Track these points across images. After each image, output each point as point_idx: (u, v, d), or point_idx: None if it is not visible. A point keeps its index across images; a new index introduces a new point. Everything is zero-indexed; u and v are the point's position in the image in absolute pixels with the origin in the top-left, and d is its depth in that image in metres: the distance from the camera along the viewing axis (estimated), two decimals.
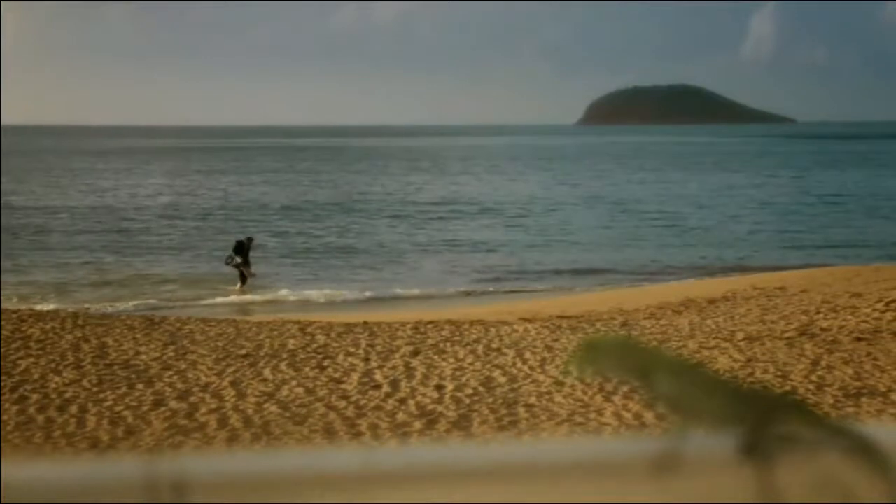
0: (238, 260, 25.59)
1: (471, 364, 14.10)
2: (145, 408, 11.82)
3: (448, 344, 15.46)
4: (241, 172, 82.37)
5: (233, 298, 24.57)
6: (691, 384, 1.09)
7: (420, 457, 1.03)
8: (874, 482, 1.08)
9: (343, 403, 11.99)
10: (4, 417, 11.28)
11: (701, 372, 1.10)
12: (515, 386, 12.73)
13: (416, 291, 25.55)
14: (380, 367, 13.92)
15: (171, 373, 13.52)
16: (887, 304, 18.13)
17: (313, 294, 24.99)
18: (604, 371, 1.08)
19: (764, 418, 1.08)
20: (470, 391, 12.52)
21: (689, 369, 1.10)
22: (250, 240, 26.58)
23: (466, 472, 1.02)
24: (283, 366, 13.94)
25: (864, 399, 11.85)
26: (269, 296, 24.74)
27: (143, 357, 14.51)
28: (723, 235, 38.82)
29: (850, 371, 13.33)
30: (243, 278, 25.65)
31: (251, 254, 26.10)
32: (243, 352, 14.84)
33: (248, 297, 24.64)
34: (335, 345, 15.38)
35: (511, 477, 1.02)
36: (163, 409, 11.79)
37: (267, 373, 13.51)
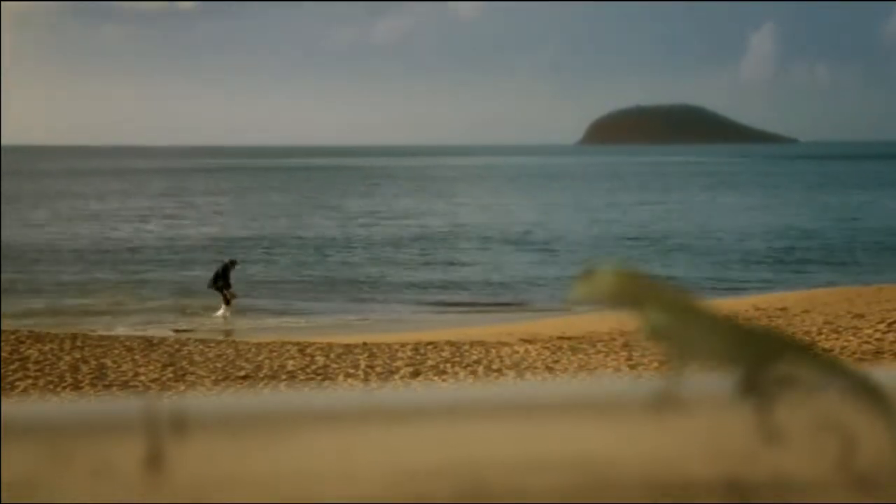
0: (221, 284, 25.58)
1: (471, 385, 14.06)
2: None
3: (448, 365, 15.45)
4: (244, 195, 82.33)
5: (219, 322, 24.43)
6: (690, 319, 1.10)
7: (421, 396, 1.04)
8: (875, 423, 1.08)
9: None
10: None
11: (701, 308, 1.11)
12: None
13: (412, 314, 25.48)
14: (379, 388, 13.89)
15: (169, 394, 13.49)
16: (889, 324, 18.12)
17: (303, 320, 24.79)
18: (601, 298, 1.09)
19: (764, 357, 1.09)
20: None
21: (689, 304, 1.10)
22: (233, 262, 26.63)
23: (467, 410, 1.02)
24: (282, 387, 13.92)
25: None
26: (271, 321, 24.57)
27: (142, 378, 14.50)
28: (724, 255, 38.81)
29: None
30: (227, 302, 25.60)
31: (232, 277, 26.04)
32: (242, 373, 14.83)
33: (243, 323, 24.40)
34: (334, 366, 15.38)
35: (511, 414, 1.02)
36: None
37: (266, 394, 13.47)
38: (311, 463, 1.00)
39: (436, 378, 14.56)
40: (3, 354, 15.88)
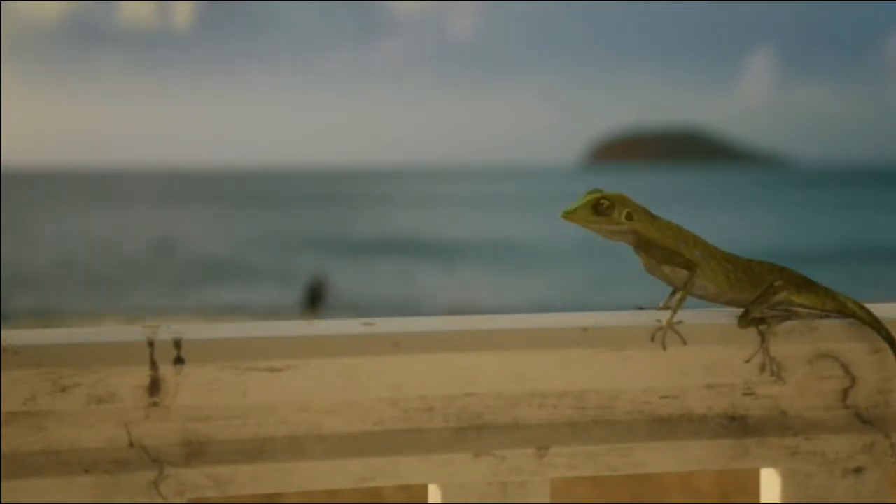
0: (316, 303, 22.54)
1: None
2: None
3: None
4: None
5: None
6: (688, 243, 1.10)
7: (422, 326, 1.03)
8: (869, 353, 1.07)
9: None
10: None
11: (698, 238, 1.11)
12: None
13: None
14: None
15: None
16: None
17: None
18: (600, 218, 1.09)
19: (766, 290, 1.09)
20: None
21: (686, 233, 1.10)
22: (322, 282, 23.23)
23: (468, 341, 1.02)
24: None
25: None
26: None
27: None
28: None
29: None
30: None
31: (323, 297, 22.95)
32: None
33: None
34: None
35: (512, 346, 1.02)
36: None
37: None
38: (311, 393, 1.00)
39: None
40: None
